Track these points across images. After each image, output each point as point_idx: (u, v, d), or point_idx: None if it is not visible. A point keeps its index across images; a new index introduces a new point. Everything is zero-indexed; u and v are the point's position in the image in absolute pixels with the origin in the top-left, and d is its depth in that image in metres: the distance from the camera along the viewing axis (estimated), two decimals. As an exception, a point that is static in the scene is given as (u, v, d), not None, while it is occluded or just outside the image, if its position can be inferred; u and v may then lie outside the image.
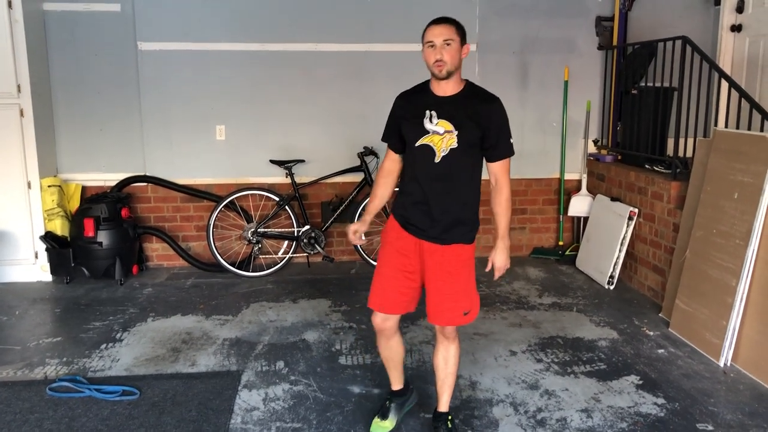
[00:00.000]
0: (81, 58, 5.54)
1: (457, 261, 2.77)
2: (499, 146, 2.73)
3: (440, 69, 2.65)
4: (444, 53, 2.63)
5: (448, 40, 2.63)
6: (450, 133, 2.67)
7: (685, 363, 3.82)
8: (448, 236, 2.76)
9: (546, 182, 6.12)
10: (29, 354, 3.97)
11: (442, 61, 2.63)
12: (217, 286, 5.28)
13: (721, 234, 3.93)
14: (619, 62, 5.70)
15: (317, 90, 5.74)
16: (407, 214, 2.81)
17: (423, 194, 2.75)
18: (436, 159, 2.69)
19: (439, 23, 2.68)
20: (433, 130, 2.69)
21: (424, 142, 2.71)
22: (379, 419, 3.07)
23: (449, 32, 2.65)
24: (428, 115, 2.70)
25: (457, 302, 2.79)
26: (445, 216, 2.74)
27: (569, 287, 5.21)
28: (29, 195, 5.26)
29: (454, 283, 2.78)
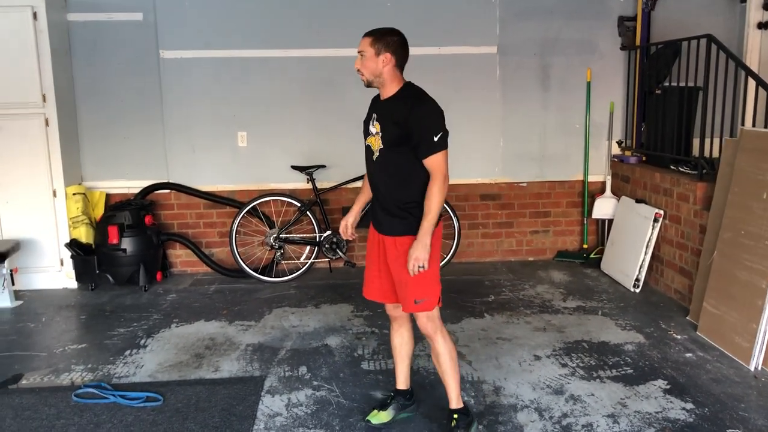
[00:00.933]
0: (104, 67, 5.60)
1: (403, 252, 2.87)
2: (422, 144, 2.79)
3: (361, 77, 2.90)
4: (359, 63, 2.87)
5: (361, 51, 2.85)
6: (378, 134, 2.88)
7: (714, 367, 3.74)
8: (393, 229, 2.92)
9: (569, 184, 6.06)
10: (55, 360, 4.01)
11: (359, 70, 2.88)
12: (240, 292, 5.30)
13: (750, 235, 3.85)
14: (643, 62, 5.63)
15: (338, 95, 5.75)
16: (371, 208, 3.08)
17: (374, 191, 3.01)
18: (374, 158, 2.92)
19: (363, 36, 2.87)
20: (371, 131, 2.93)
21: (367, 142, 2.97)
22: (376, 410, 3.19)
23: (363, 44, 2.85)
24: (373, 116, 2.94)
25: (410, 290, 2.89)
26: (386, 210, 2.93)
27: (594, 290, 5.14)
28: (54, 203, 5.33)
29: (404, 272, 2.86)
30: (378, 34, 2.83)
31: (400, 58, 2.85)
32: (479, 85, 5.76)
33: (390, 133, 2.83)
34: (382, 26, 2.89)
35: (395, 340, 3.18)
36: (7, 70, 5.11)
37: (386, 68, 2.83)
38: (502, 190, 5.99)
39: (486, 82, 5.78)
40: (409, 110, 2.78)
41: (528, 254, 6.12)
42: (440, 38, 5.67)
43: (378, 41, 2.81)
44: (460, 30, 5.72)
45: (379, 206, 2.98)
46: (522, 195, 6.02)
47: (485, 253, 6.06)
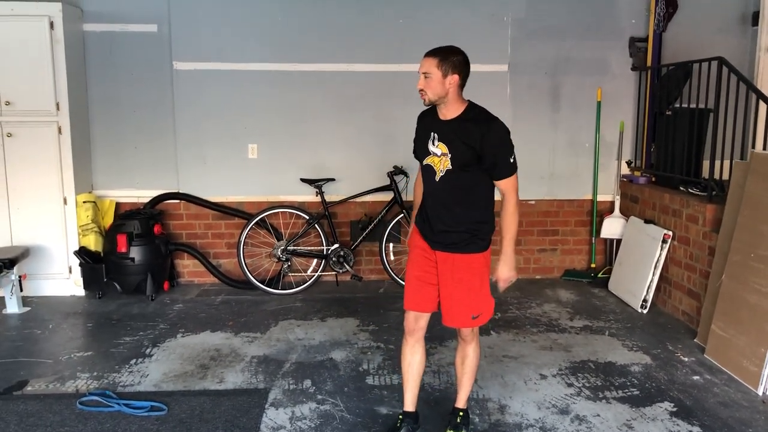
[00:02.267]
0: (118, 77, 5.65)
1: (465, 269, 2.93)
2: (498, 166, 2.84)
3: (422, 97, 2.86)
4: (424, 83, 2.82)
5: (426, 73, 2.80)
6: (445, 155, 2.85)
7: (722, 391, 3.71)
8: (454, 247, 2.93)
9: (578, 203, 6.05)
10: (61, 367, 4.01)
11: (423, 91, 2.83)
12: (247, 303, 5.30)
13: (760, 258, 3.83)
14: (654, 83, 5.64)
15: (348, 110, 5.78)
16: (422, 223, 3.05)
17: (430, 208, 2.98)
18: (436, 178, 2.90)
19: (426, 55, 2.82)
20: (433, 151, 2.90)
21: (427, 162, 2.94)
22: None
23: (429, 65, 2.79)
24: (432, 136, 2.90)
25: (467, 307, 2.95)
26: (446, 229, 2.93)
27: (601, 310, 5.12)
28: (65, 210, 5.36)
29: (463, 289, 2.93)
30: (443, 55, 2.80)
31: (464, 78, 2.85)
32: (490, 102, 5.61)
33: (461, 155, 2.82)
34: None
35: (410, 357, 3.10)
36: (22, 78, 5.16)
37: (452, 89, 2.81)
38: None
39: (497, 100, 5.79)
40: (484, 133, 2.78)
41: (535, 272, 6.10)
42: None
43: (444, 62, 2.78)
44: (471, 48, 5.62)
45: (439, 224, 2.94)
46: (530, 213, 6.01)
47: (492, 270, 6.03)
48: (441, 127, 2.88)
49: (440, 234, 2.94)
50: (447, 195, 2.91)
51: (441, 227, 2.94)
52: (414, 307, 3.04)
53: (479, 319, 2.99)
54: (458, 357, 3.15)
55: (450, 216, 2.92)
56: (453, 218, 2.91)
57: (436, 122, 2.91)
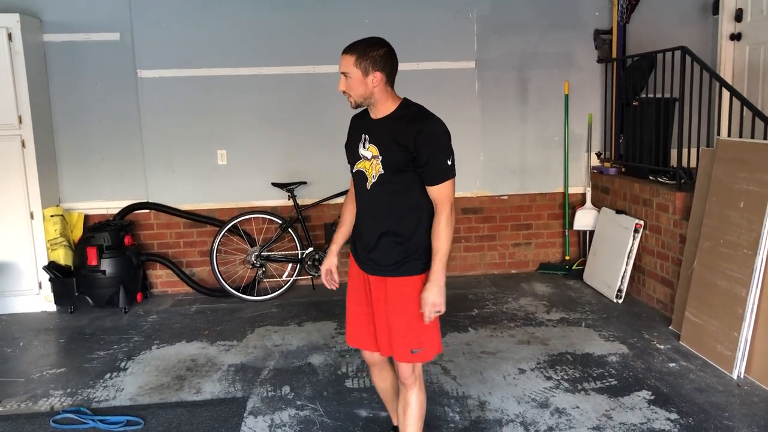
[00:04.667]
0: (81, 88, 5.56)
1: (401, 294, 2.54)
2: (431, 169, 2.47)
3: (349, 100, 2.56)
4: (345, 84, 2.52)
5: (345, 72, 2.49)
6: (376, 158, 2.51)
7: (698, 376, 3.75)
8: (387, 269, 2.56)
9: (550, 197, 6.08)
10: (33, 386, 3.93)
11: (344, 92, 2.54)
12: (222, 312, 5.25)
13: (729, 244, 3.88)
14: (619, 74, 5.69)
15: (317, 112, 5.74)
16: (354, 244, 2.71)
17: (362, 223, 2.64)
18: (368, 185, 2.55)
19: (343, 53, 2.51)
20: (363, 155, 2.56)
21: (357, 167, 2.59)
22: None
23: (346, 63, 2.48)
24: (363, 138, 2.58)
25: (403, 338, 2.55)
26: (381, 246, 2.56)
27: (577, 302, 5.15)
28: (32, 225, 5.26)
29: (400, 318, 2.54)
30: (362, 50, 2.46)
31: (390, 73, 2.51)
32: (458, 100, 5.78)
33: (393, 157, 2.47)
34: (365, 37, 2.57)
35: (381, 384, 2.89)
36: (-19, 92, 5.06)
37: (377, 88, 2.48)
38: (483, 203, 6.01)
39: (465, 97, 5.80)
40: (417, 131, 2.43)
41: (511, 267, 6.12)
42: (418, 54, 5.69)
43: (363, 59, 2.44)
44: (438, 45, 5.75)
45: (370, 241, 2.58)
46: (503, 208, 6.03)
47: (468, 266, 6.05)
48: (372, 127, 2.56)
49: (372, 252, 2.57)
50: (379, 205, 2.55)
51: (372, 245, 2.57)
52: (357, 345, 2.75)
53: (421, 354, 2.56)
54: (399, 404, 2.71)
55: (382, 230, 2.54)
56: (385, 233, 2.54)
57: (368, 123, 2.59)
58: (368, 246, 2.60)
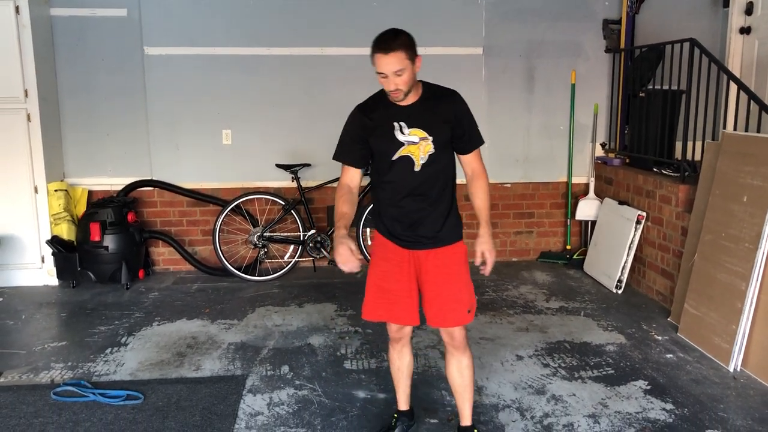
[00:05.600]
0: (88, 63, 5.55)
1: (454, 260, 2.75)
2: (471, 137, 2.72)
3: (397, 96, 2.57)
4: (398, 82, 2.52)
5: (399, 71, 2.49)
6: (425, 140, 2.63)
7: (694, 368, 3.77)
8: (440, 239, 2.73)
9: (553, 186, 6.08)
10: (34, 358, 3.96)
11: (398, 90, 2.54)
12: (223, 291, 5.27)
13: (730, 237, 3.89)
14: (627, 65, 5.67)
15: (323, 94, 5.74)
16: (392, 227, 2.75)
17: (406, 205, 2.70)
18: (416, 168, 2.65)
19: (387, 52, 2.46)
20: (407, 140, 2.63)
21: (402, 154, 2.64)
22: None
23: (398, 62, 2.47)
24: (398, 126, 2.63)
25: (460, 301, 2.74)
26: (432, 221, 2.71)
27: (577, 291, 5.17)
28: (36, 199, 5.28)
29: (455, 282, 2.74)
30: (405, 43, 2.49)
31: None
32: (465, 86, 5.64)
33: (443, 134, 2.64)
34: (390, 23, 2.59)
35: (398, 362, 2.95)
36: (-12, 65, 5.06)
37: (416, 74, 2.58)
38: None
39: (472, 84, 5.79)
40: (453, 104, 2.66)
41: (512, 255, 6.14)
42: (426, 39, 5.59)
43: (409, 50, 2.50)
44: (446, 31, 5.72)
45: (420, 220, 2.69)
46: (506, 196, 6.04)
47: (469, 253, 6.04)
48: (406, 113, 2.63)
49: (420, 228, 2.70)
50: (427, 184, 2.67)
51: (420, 222, 2.69)
52: (395, 320, 2.80)
53: (471, 313, 2.77)
54: (453, 370, 2.85)
55: (432, 207, 2.69)
56: (435, 208, 2.70)
57: (394, 111, 2.64)
58: (415, 224, 2.71)
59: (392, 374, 3.01)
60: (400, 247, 2.75)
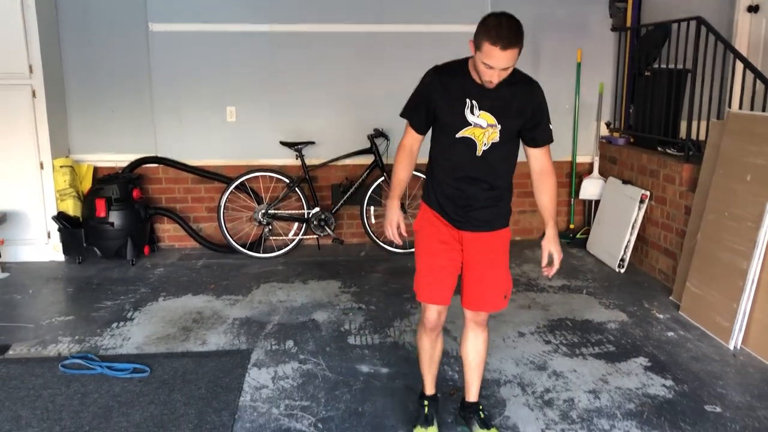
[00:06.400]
0: (92, 39, 5.55)
1: (500, 246, 2.72)
2: (543, 131, 2.61)
3: (491, 86, 2.45)
4: (502, 75, 2.41)
5: (509, 67, 2.39)
6: (493, 127, 2.53)
7: (695, 346, 3.80)
8: (487, 224, 2.68)
9: (557, 165, 6.02)
10: (42, 332, 4.01)
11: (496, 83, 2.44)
12: (228, 267, 5.31)
13: (733, 217, 3.90)
14: (633, 44, 5.64)
15: (328, 71, 5.72)
16: (445, 204, 2.69)
17: (463, 185, 2.64)
18: (478, 152, 2.57)
19: (506, 48, 2.30)
20: (475, 122, 2.53)
21: (465, 134, 2.55)
22: (422, 427, 2.87)
23: (513, 58, 2.35)
24: (469, 104, 2.51)
25: (500, 286, 2.73)
26: (486, 206, 2.66)
27: (579, 270, 5.19)
28: (41, 175, 5.30)
29: (498, 267, 2.72)
30: (520, 38, 2.34)
31: None
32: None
33: (512, 125, 2.55)
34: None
35: (431, 350, 2.87)
36: (-7, 40, 5.06)
37: None
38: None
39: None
40: (532, 95, 2.55)
41: (515, 234, 6.15)
42: (430, 16, 5.63)
43: (522, 44, 2.35)
44: (450, 8, 5.69)
45: (475, 202, 2.64)
46: (510, 175, 6.03)
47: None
48: (481, 92, 2.49)
49: (474, 211, 2.65)
50: (488, 170, 2.60)
51: (477, 205, 2.64)
52: (441, 301, 2.72)
53: (508, 297, 2.77)
54: (468, 346, 2.86)
55: (489, 191, 2.63)
56: (492, 193, 2.64)
57: (472, 87, 2.50)
58: (469, 206, 2.65)
59: (422, 361, 2.92)
60: (449, 225, 2.71)
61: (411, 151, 2.74)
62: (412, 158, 2.75)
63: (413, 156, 2.76)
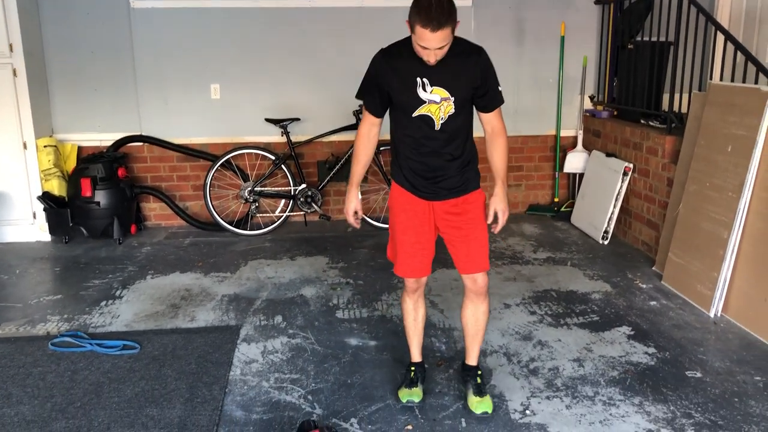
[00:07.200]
0: (73, 17, 5.48)
1: (475, 206, 2.79)
2: (492, 96, 2.70)
3: (431, 64, 2.51)
4: (438, 54, 2.46)
5: (443, 46, 2.43)
6: (447, 100, 2.59)
7: (677, 314, 3.88)
8: (459, 190, 2.76)
9: (542, 139, 6.12)
10: (31, 311, 4.02)
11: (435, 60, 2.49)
12: (216, 245, 5.33)
13: (714, 187, 3.96)
14: (616, 17, 5.66)
15: (312, 47, 5.70)
16: (413, 180, 2.75)
17: (427, 159, 2.70)
18: (436, 127, 2.64)
19: (436, 30, 2.35)
20: (429, 99, 2.59)
21: (421, 112, 2.62)
22: (407, 388, 2.97)
23: (446, 38, 2.39)
24: (420, 83, 2.57)
25: (484, 246, 2.80)
26: (453, 175, 2.73)
27: (564, 242, 5.26)
28: (25, 155, 5.27)
29: (479, 228, 2.79)
30: (454, 17, 2.39)
31: None
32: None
33: (463, 95, 2.61)
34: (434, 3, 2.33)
35: (414, 313, 2.99)
36: (-29, 19, 4.99)
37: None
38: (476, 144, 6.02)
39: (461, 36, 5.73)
40: (477, 63, 2.60)
41: (500, 208, 6.19)
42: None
43: (455, 21, 2.40)
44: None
45: (441, 173, 2.72)
46: (495, 149, 6.06)
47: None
48: (430, 69, 2.54)
49: (442, 182, 2.73)
50: (447, 141, 2.67)
51: (441, 175, 2.72)
52: (416, 275, 2.86)
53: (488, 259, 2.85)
54: (468, 315, 2.93)
55: (454, 161, 2.71)
56: (455, 162, 2.71)
57: (420, 65, 2.54)
58: (436, 178, 2.73)
59: (406, 326, 3.03)
60: (419, 198, 2.78)
61: (369, 138, 2.82)
62: (370, 145, 2.84)
63: (372, 143, 2.84)
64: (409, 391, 2.95)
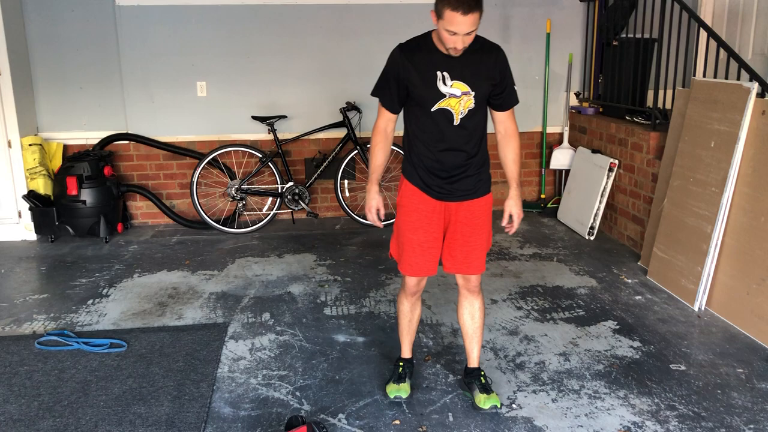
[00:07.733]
0: (58, 15, 5.45)
1: (484, 211, 2.79)
2: (509, 94, 2.71)
3: (457, 52, 2.51)
4: (466, 41, 2.46)
5: (472, 32, 2.43)
6: (467, 94, 2.59)
7: (661, 308, 3.92)
8: (474, 192, 2.75)
9: (528, 136, 6.15)
10: (16, 310, 4.00)
11: (463, 48, 2.49)
12: (203, 243, 5.32)
13: (698, 182, 4.00)
14: (601, 14, 5.69)
15: (299, 45, 5.70)
16: (427, 178, 2.73)
17: (444, 157, 2.68)
18: (455, 122, 2.63)
19: (467, 13, 2.35)
20: (449, 93, 2.58)
21: (441, 106, 2.60)
22: (395, 383, 2.97)
23: (475, 22, 2.40)
24: (440, 76, 2.57)
25: (483, 250, 2.82)
26: (469, 174, 2.72)
27: (550, 238, 5.29)
28: (10, 154, 5.24)
29: (482, 232, 2.80)
30: (480, 1, 2.39)
31: None
32: None
33: (484, 90, 2.62)
34: None
35: (411, 314, 2.99)
36: (-46, 16, 4.95)
37: None
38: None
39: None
40: (497, 60, 2.62)
41: (488, 204, 6.22)
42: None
43: (482, 7, 2.40)
44: (421, -21, 5.69)
45: (455, 173, 2.70)
46: (482, 146, 6.09)
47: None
48: (450, 63, 2.55)
49: (458, 182, 2.71)
50: (465, 138, 2.66)
51: (457, 174, 2.70)
52: (422, 273, 2.82)
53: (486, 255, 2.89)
54: (465, 314, 2.93)
55: (468, 160, 2.69)
56: (471, 162, 2.70)
57: (438, 59, 2.56)
58: (452, 177, 2.71)
59: (401, 325, 3.03)
60: (432, 198, 2.75)
61: (386, 134, 2.78)
62: (387, 141, 2.80)
63: (389, 138, 2.80)
64: (397, 386, 2.97)
